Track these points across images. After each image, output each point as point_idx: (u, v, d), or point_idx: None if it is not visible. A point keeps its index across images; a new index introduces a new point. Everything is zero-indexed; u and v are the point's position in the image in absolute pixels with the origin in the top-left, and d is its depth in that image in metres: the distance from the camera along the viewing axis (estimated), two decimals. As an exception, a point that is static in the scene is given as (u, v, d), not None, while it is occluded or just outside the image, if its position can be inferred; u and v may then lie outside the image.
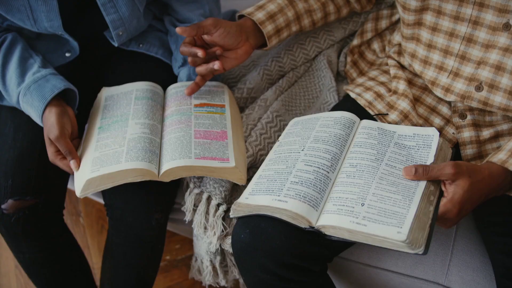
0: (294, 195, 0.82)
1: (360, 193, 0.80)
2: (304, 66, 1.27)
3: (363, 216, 0.77)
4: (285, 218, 0.81)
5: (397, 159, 0.84)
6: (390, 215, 0.76)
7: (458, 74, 0.92)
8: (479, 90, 0.90)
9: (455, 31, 0.90)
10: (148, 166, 0.93)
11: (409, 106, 0.98)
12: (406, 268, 0.97)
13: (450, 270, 0.95)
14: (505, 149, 0.83)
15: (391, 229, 0.74)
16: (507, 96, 0.87)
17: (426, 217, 0.76)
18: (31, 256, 1.07)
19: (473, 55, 0.89)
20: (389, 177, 0.82)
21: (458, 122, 0.97)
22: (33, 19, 1.00)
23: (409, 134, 0.88)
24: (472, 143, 0.96)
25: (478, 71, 0.89)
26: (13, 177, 1.00)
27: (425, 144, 0.86)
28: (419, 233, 0.74)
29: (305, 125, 0.97)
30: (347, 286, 1.08)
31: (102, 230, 1.64)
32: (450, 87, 0.94)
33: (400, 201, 0.77)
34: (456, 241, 0.97)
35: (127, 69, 1.18)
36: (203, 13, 1.18)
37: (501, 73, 0.87)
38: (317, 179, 0.84)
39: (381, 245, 0.75)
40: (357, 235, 0.76)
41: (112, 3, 1.02)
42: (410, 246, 0.72)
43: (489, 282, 0.92)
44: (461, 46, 0.90)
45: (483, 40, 0.87)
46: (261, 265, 0.84)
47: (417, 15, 0.94)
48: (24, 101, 0.99)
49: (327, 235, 0.79)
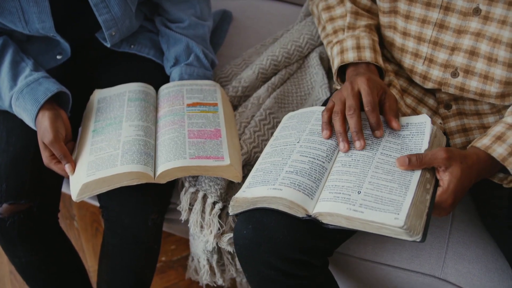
0: (288, 183, 0.82)
1: (356, 182, 0.80)
2: (297, 63, 1.28)
3: (359, 203, 0.77)
4: (281, 208, 0.81)
5: (392, 148, 0.84)
6: (387, 202, 0.76)
7: (432, 60, 0.93)
8: (455, 76, 0.91)
9: (427, 17, 0.91)
10: (143, 169, 0.93)
11: (397, 96, 0.99)
12: (402, 262, 0.98)
13: (446, 262, 0.96)
14: (490, 134, 0.83)
15: (388, 215, 0.74)
16: (482, 81, 0.89)
17: (423, 205, 0.76)
18: (27, 260, 1.06)
19: (446, 41, 0.91)
20: (385, 165, 0.82)
21: (444, 112, 0.99)
22: (24, 21, 1.00)
23: (403, 123, 0.89)
24: (459, 132, 0.98)
25: (453, 57, 0.91)
26: (7, 181, 0.99)
27: (419, 132, 0.86)
28: (417, 221, 0.74)
29: (301, 119, 0.97)
30: (345, 281, 1.09)
31: (96, 233, 1.63)
32: (427, 74, 0.95)
33: (396, 189, 0.78)
34: (451, 233, 0.98)
35: (119, 70, 1.17)
36: (194, 12, 1.18)
37: (475, 58, 0.88)
38: (312, 168, 0.84)
39: (379, 232, 0.75)
40: (354, 222, 0.76)
41: (105, 3, 1.02)
42: (408, 232, 0.72)
43: (485, 273, 0.93)
44: (433, 32, 0.91)
45: (455, 25, 0.89)
46: (265, 260, 0.84)
47: (391, 3, 0.95)
48: (17, 105, 0.99)
49: (324, 223, 0.79)
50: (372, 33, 1.01)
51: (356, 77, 0.89)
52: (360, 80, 0.87)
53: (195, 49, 1.16)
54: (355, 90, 0.86)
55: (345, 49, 0.99)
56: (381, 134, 0.85)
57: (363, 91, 0.86)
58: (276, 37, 1.35)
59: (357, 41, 0.99)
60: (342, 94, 0.88)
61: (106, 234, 1.10)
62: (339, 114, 0.86)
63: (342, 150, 0.86)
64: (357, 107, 0.85)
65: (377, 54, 0.99)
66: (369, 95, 0.85)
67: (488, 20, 0.86)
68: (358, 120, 0.84)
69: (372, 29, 1.02)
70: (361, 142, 0.84)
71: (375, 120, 0.84)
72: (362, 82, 0.86)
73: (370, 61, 0.97)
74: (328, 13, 1.07)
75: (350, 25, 1.02)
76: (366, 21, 1.03)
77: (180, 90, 1.09)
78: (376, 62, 0.97)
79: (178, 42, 1.16)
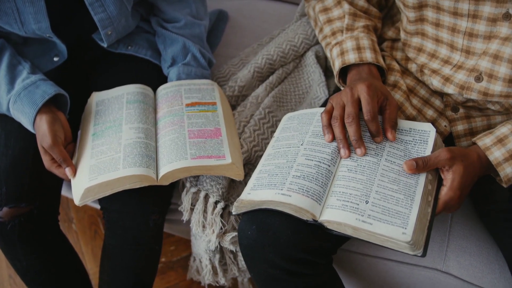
0: (297, 189, 0.83)
1: (363, 190, 0.81)
2: (294, 62, 1.28)
3: (368, 214, 0.78)
4: (287, 211, 0.82)
5: (396, 155, 0.85)
6: (394, 214, 0.77)
7: (461, 67, 0.92)
8: (478, 81, 0.90)
9: (456, 25, 0.89)
10: (146, 172, 0.93)
11: (402, 98, 0.98)
12: (404, 256, 0.99)
13: (448, 255, 0.97)
14: (493, 134, 0.84)
15: (396, 229, 0.75)
16: (506, 85, 0.87)
17: (425, 219, 0.78)
18: (28, 263, 1.06)
19: (477, 48, 0.89)
20: (390, 173, 0.83)
21: (451, 115, 0.99)
22: (20, 22, 0.99)
23: (405, 128, 0.89)
24: (466, 136, 0.98)
25: (478, 62, 0.89)
26: (7, 185, 0.99)
27: (422, 140, 0.87)
28: (420, 235, 0.76)
29: (302, 120, 0.98)
30: (348, 278, 1.09)
31: (95, 236, 1.62)
32: (450, 77, 0.93)
33: (403, 201, 0.79)
34: (452, 227, 0.99)
35: (116, 71, 1.17)
36: (190, 12, 1.18)
37: (498, 62, 0.86)
38: (319, 173, 0.85)
39: (382, 244, 0.77)
40: (361, 232, 0.77)
41: (100, 2, 1.01)
42: (412, 247, 0.74)
43: (486, 265, 0.94)
44: (464, 41, 0.90)
45: (484, 32, 0.87)
46: (269, 260, 0.84)
47: (417, 12, 0.94)
48: (15, 108, 0.98)
49: (329, 229, 0.80)
50: (370, 34, 1.01)
51: (357, 83, 0.88)
52: (360, 87, 0.87)
53: (192, 49, 1.15)
54: (354, 97, 0.86)
55: (345, 50, 0.99)
56: (381, 139, 0.86)
57: (363, 100, 0.86)
58: (272, 36, 1.36)
59: (357, 42, 0.99)
60: (342, 99, 0.88)
61: (107, 235, 1.09)
62: (338, 120, 0.86)
63: (343, 157, 0.86)
64: (356, 115, 0.85)
65: (378, 54, 0.99)
66: (368, 104, 0.85)
67: None
68: (357, 129, 0.84)
69: (370, 29, 1.03)
70: (362, 150, 0.84)
71: (375, 128, 0.85)
72: (362, 89, 0.86)
73: (371, 62, 0.97)
74: (325, 15, 1.07)
75: (348, 27, 1.02)
76: (364, 22, 1.03)
77: (178, 90, 1.09)
78: (377, 62, 0.97)
79: (175, 42, 1.16)
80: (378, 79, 0.97)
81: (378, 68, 1.00)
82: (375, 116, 0.85)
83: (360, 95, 0.86)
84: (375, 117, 0.85)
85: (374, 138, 0.86)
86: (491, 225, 0.96)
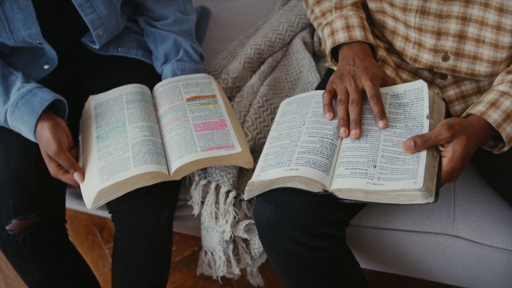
0: (303, 162, 0.85)
1: (369, 156, 0.84)
2: (282, 50, 1.30)
3: (377, 177, 0.80)
4: (297, 186, 0.84)
5: (396, 119, 0.88)
6: (403, 172, 0.80)
7: (421, 45, 0.97)
8: (446, 60, 0.96)
9: (407, 5, 0.94)
10: (158, 168, 0.93)
11: (393, 74, 1.02)
12: (414, 225, 1.02)
13: (456, 219, 1.00)
14: (484, 101, 0.88)
15: (407, 182, 0.78)
16: (471, 61, 0.94)
17: (433, 170, 0.81)
18: (41, 275, 1.04)
19: (429, 26, 0.94)
20: (393, 137, 0.86)
21: (441, 82, 1.03)
22: (9, 30, 0.97)
23: (400, 92, 0.92)
24: (458, 99, 1.02)
25: (441, 42, 0.94)
26: (13, 197, 0.97)
27: (417, 98, 0.89)
28: (430, 183, 0.79)
29: (300, 103, 1.00)
30: (360, 253, 1.12)
31: (93, 245, 1.60)
32: (417, 57, 0.99)
33: (409, 160, 0.81)
34: (456, 192, 1.03)
35: (109, 74, 1.16)
36: (178, 8, 1.18)
37: (463, 41, 0.93)
38: (323, 146, 0.87)
39: (394, 201, 0.79)
40: (372, 195, 0.80)
41: (89, 3, 1.01)
42: (424, 194, 0.77)
43: (493, 225, 0.98)
44: (416, 19, 0.94)
45: (435, 10, 0.92)
46: (290, 237, 0.86)
47: None
48: (13, 118, 0.97)
49: (340, 198, 0.83)
50: (359, 11, 1.04)
51: (359, 72, 0.92)
52: (364, 80, 0.90)
53: (183, 44, 1.16)
54: (359, 87, 0.90)
55: (335, 30, 1.02)
56: (386, 123, 0.87)
57: (367, 87, 0.90)
58: (257, 28, 1.37)
59: (346, 21, 1.01)
60: (345, 86, 0.91)
61: (119, 237, 1.08)
62: (344, 103, 0.90)
63: (342, 135, 0.89)
64: (360, 101, 0.89)
65: (367, 31, 1.02)
66: (373, 89, 0.89)
67: (470, 3, 0.89)
68: (359, 112, 0.88)
69: (358, 6, 1.06)
70: (357, 132, 0.87)
71: (381, 109, 0.88)
72: (366, 79, 0.90)
73: (361, 39, 1.00)
74: None
75: (337, 5, 1.05)
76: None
77: (176, 86, 1.09)
78: (367, 39, 1.00)
79: (166, 39, 1.16)
80: (370, 56, 1.00)
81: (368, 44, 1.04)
82: (380, 98, 0.89)
83: (364, 85, 0.90)
84: (379, 99, 0.89)
85: (378, 122, 0.88)
86: (497, 183, 1.00)
